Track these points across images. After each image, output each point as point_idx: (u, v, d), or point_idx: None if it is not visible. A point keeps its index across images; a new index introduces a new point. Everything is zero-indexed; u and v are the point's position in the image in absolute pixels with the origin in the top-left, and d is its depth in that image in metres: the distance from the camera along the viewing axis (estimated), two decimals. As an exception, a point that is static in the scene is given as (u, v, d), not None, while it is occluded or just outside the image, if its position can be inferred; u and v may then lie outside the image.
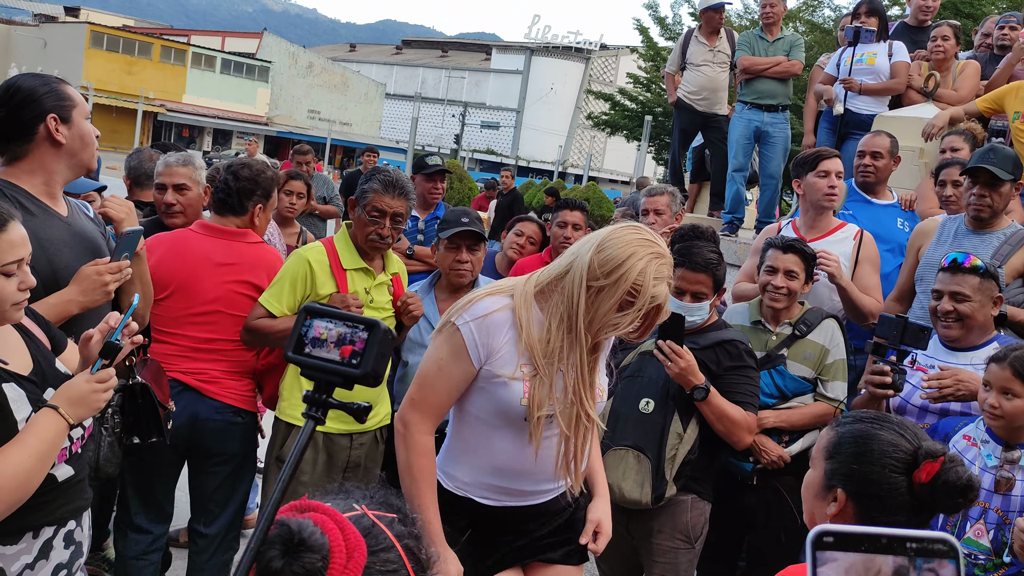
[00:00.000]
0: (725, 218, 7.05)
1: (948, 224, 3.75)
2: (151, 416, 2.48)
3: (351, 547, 1.05)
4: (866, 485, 1.62)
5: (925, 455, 1.63)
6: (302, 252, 3.20)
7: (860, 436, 1.66)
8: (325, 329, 1.24)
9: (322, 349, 1.24)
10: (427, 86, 63.34)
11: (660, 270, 2.08)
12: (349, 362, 1.22)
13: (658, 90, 29.09)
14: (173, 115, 46.45)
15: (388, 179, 3.14)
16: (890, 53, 5.85)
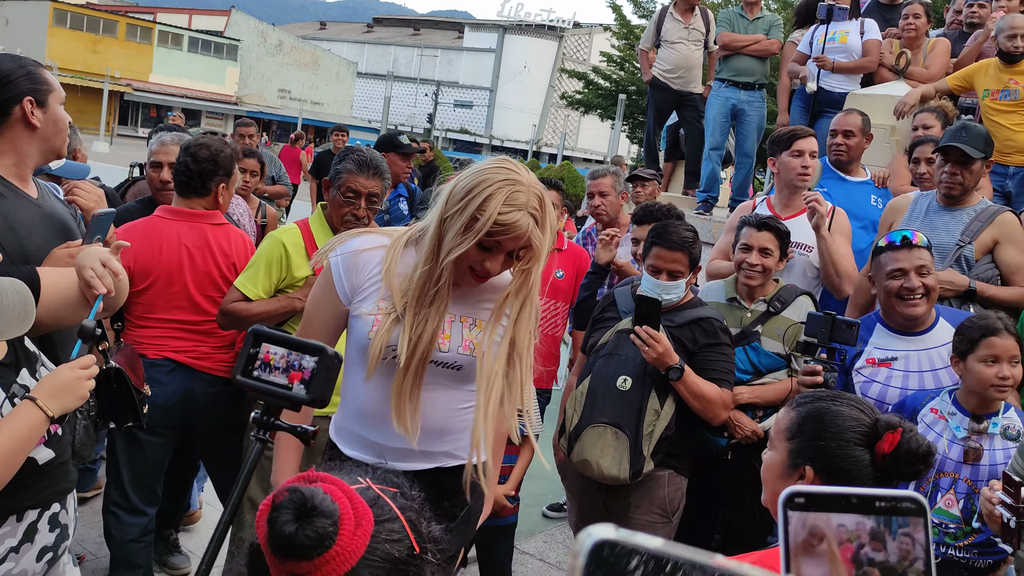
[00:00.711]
0: (700, 196, 7.09)
1: (920, 201, 3.80)
2: (126, 401, 2.45)
3: (359, 515, 1.06)
4: (832, 460, 1.66)
5: (885, 427, 1.69)
6: (277, 235, 3.18)
7: (822, 414, 1.70)
8: (274, 354, 1.25)
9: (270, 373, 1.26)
10: (399, 65, 62.85)
11: (515, 197, 1.91)
12: (298, 387, 1.25)
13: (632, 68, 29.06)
14: (140, 95, 45.75)
15: (362, 159, 3.12)
16: (862, 31, 5.89)
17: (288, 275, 3.12)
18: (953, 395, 2.75)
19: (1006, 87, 4.95)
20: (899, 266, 2.97)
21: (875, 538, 0.57)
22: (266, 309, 3.10)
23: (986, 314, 2.74)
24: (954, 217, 3.59)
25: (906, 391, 2.98)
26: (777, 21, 7.08)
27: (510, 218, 1.91)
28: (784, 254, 3.40)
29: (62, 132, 2.44)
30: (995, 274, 3.54)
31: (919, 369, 3.00)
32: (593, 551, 0.43)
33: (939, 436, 2.69)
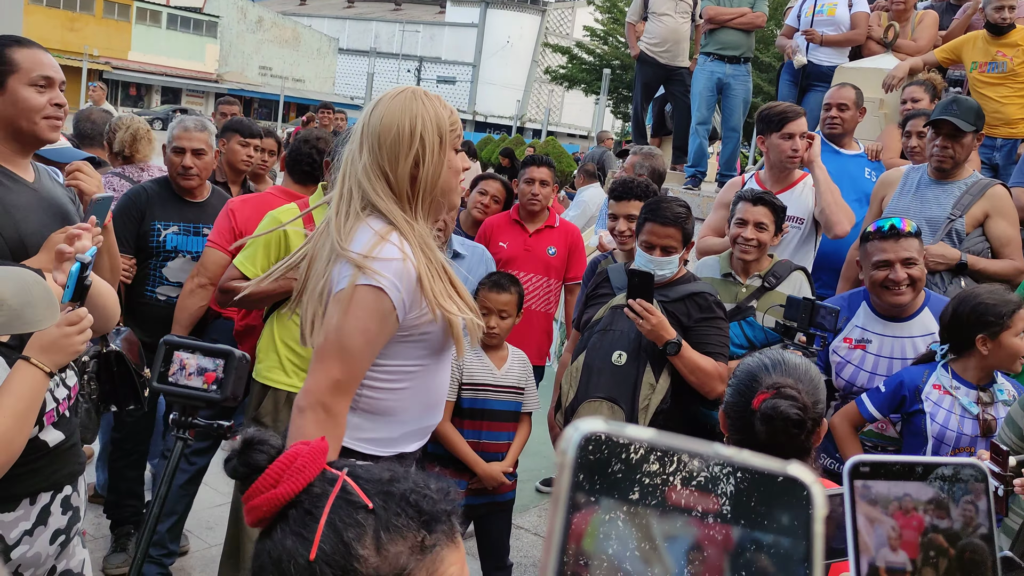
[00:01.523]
0: (688, 171, 7.09)
1: (911, 174, 3.81)
2: (128, 384, 2.46)
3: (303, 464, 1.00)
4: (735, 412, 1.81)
5: (767, 387, 1.75)
6: (275, 214, 3.16)
7: (740, 368, 1.85)
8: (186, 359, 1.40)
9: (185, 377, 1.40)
10: (381, 40, 62.25)
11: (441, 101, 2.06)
12: (211, 388, 1.39)
13: (615, 43, 28.95)
14: (119, 73, 45.16)
15: None
16: (850, 3, 5.88)
17: (287, 253, 3.10)
18: (949, 369, 2.77)
19: (994, 59, 4.97)
20: (885, 257, 2.95)
21: (939, 506, 0.58)
22: (264, 288, 3.09)
23: (995, 289, 2.77)
24: (945, 191, 3.62)
25: (874, 375, 2.99)
26: (762, -7, 7.06)
27: (455, 116, 2.08)
28: (779, 229, 3.41)
29: (26, 114, 2.34)
30: (986, 247, 3.57)
31: (891, 355, 3.01)
32: (582, 445, 0.41)
33: (949, 412, 2.71)
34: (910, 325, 3.03)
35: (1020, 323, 2.68)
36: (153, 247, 3.55)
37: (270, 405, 3.15)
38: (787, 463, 0.42)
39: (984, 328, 2.69)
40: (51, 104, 2.37)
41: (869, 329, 3.07)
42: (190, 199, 3.62)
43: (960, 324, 2.74)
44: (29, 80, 2.34)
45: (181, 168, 3.51)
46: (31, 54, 2.36)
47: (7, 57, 2.33)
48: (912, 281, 2.95)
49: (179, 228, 3.55)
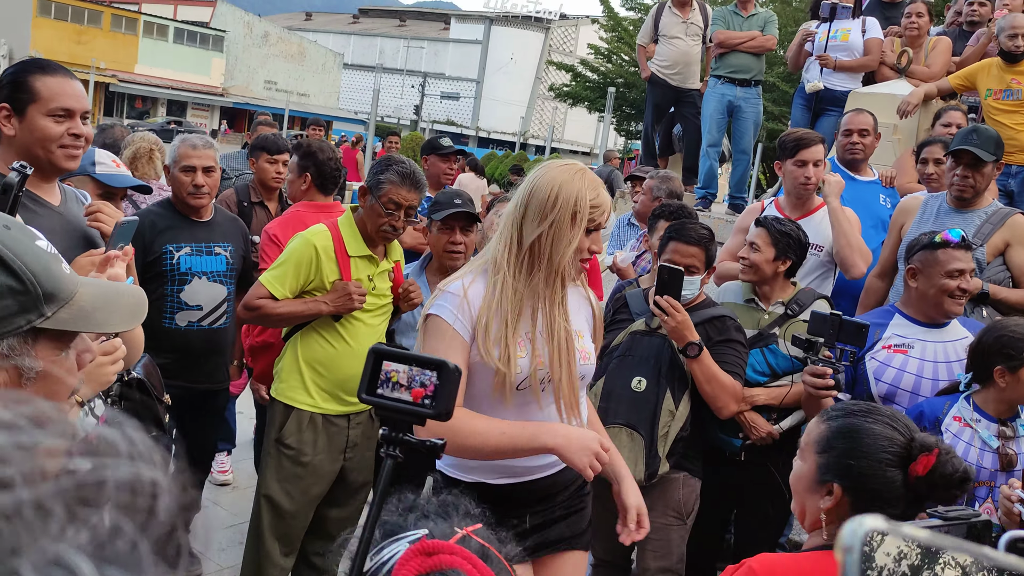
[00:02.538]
0: (698, 193, 7.10)
1: (931, 202, 3.81)
2: (150, 410, 2.45)
3: None
4: (862, 480, 1.62)
5: (920, 448, 1.63)
6: (308, 236, 3.16)
7: (852, 430, 1.65)
8: (395, 371, 1.28)
9: (394, 390, 1.28)
10: (385, 56, 62.50)
11: (593, 181, 2.18)
12: (422, 403, 1.27)
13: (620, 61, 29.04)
14: (126, 86, 45.32)
15: (405, 171, 3.11)
16: (864, 29, 5.90)
17: (316, 278, 3.12)
18: (971, 401, 2.76)
19: (1008, 87, 4.98)
20: (959, 266, 2.98)
21: None
22: (292, 310, 3.11)
23: (1021, 321, 2.75)
24: (965, 219, 3.61)
25: (921, 378, 3.02)
26: (771, 17, 7.09)
27: (600, 199, 2.16)
28: (784, 254, 3.35)
29: (42, 143, 2.33)
30: (1006, 276, 3.57)
31: (934, 359, 3.05)
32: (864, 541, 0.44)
33: (969, 445, 2.70)
34: (947, 331, 3.07)
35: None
36: (167, 271, 3.46)
37: (294, 426, 3.16)
38: None
39: (1004, 360, 2.67)
40: (69, 134, 2.35)
41: (908, 335, 3.08)
42: (196, 218, 3.55)
43: (983, 354, 2.73)
44: (48, 110, 2.32)
45: (192, 187, 3.46)
46: (54, 83, 2.34)
47: (29, 86, 2.32)
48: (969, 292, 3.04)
49: (191, 249, 3.49)
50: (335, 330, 3.16)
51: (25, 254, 1.16)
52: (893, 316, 3.16)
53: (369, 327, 3.22)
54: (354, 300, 3.09)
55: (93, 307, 1.23)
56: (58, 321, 1.18)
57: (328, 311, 3.10)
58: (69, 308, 1.19)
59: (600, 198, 2.16)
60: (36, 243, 1.20)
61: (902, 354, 3.07)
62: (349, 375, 3.15)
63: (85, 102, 2.42)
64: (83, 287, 1.23)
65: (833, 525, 1.64)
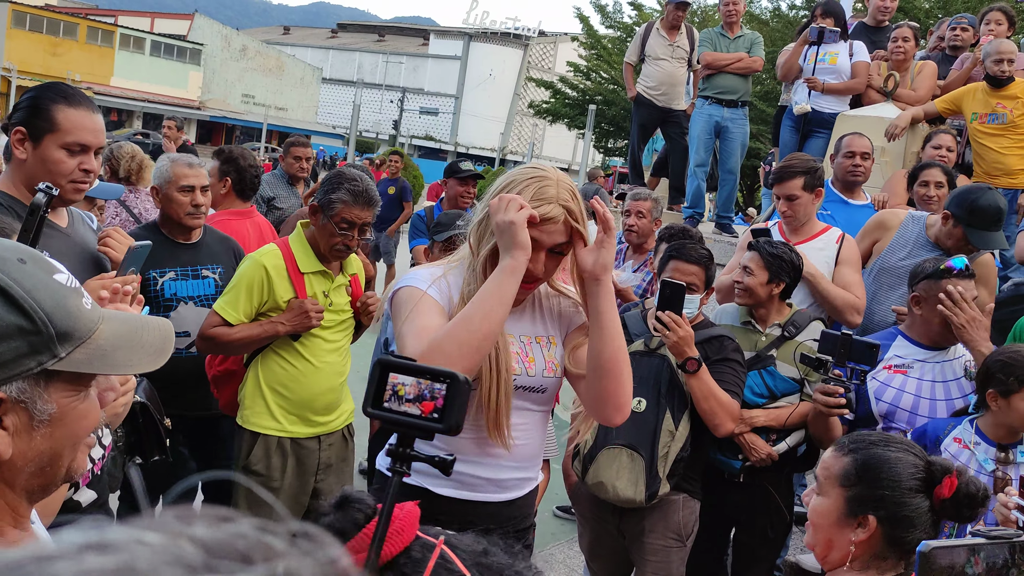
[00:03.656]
0: (686, 212, 7.15)
1: (911, 226, 3.84)
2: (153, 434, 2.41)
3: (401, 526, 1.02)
4: (896, 508, 1.64)
5: (941, 471, 1.67)
6: (257, 257, 3.10)
7: (880, 461, 1.67)
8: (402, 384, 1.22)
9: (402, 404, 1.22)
10: (364, 71, 62.52)
11: (543, 191, 1.92)
12: (431, 417, 1.21)
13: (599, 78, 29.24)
14: (101, 98, 44.86)
15: (357, 189, 3.04)
16: (851, 53, 5.99)
17: (270, 298, 3.05)
18: (975, 424, 2.79)
19: (994, 111, 5.06)
20: (963, 294, 3.03)
21: None
22: (248, 335, 3.03)
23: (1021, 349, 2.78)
24: (937, 259, 3.65)
25: (919, 398, 3.05)
26: (758, 39, 7.17)
27: (541, 210, 1.90)
28: (777, 276, 3.37)
29: (52, 176, 2.28)
30: None
31: (933, 379, 3.09)
32: None
33: (966, 466, 2.72)
34: (947, 351, 3.12)
35: None
36: (152, 297, 3.31)
37: (260, 452, 3.10)
38: None
39: (996, 385, 2.70)
40: (79, 169, 2.31)
41: (908, 357, 3.13)
42: (183, 240, 3.45)
43: (981, 377, 2.77)
44: (64, 143, 2.28)
45: (192, 207, 3.36)
46: (76, 116, 2.29)
47: (50, 114, 2.27)
48: None
49: (176, 274, 3.37)
50: (295, 350, 3.09)
51: (37, 290, 1.08)
52: (896, 338, 3.19)
53: (330, 343, 3.16)
54: (311, 318, 3.02)
55: (114, 346, 1.16)
56: (73, 362, 1.10)
57: (286, 331, 3.03)
58: (86, 348, 1.12)
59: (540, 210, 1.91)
60: (54, 277, 1.12)
61: (902, 375, 3.11)
62: (314, 394, 3.12)
63: (102, 137, 2.37)
64: (105, 323, 1.16)
65: (864, 557, 1.64)
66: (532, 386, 2.10)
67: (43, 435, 1.10)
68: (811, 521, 1.76)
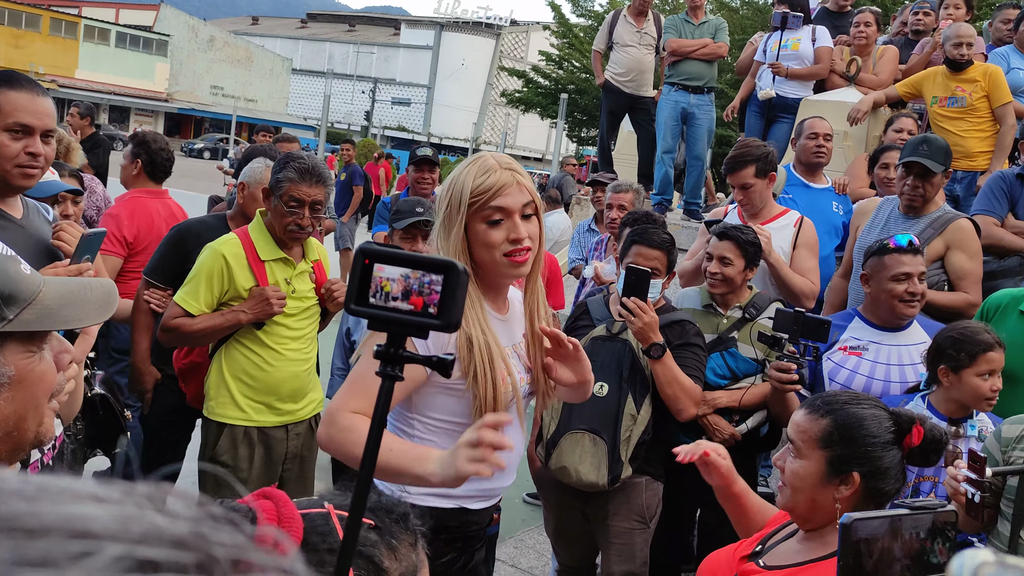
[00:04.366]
0: (654, 199, 7.16)
1: (884, 206, 3.91)
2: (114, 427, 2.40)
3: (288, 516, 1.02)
4: (877, 462, 1.73)
5: (908, 422, 1.76)
6: (216, 247, 3.07)
7: (858, 420, 1.75)
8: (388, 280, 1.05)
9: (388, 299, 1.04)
10: (335, 61, 62.07)
11: (483, 166, 1.95)
12: (426, 312, 1.03)
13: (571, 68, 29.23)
14: (67, 91, 44.26)
15: (303, 166, 3.02)
16: (813, 38, 6.03)
17: (231, 287, 3.03)
18: (926, 400, 2.82)
19: (953, 94, 5.12)
20: (905, 270, 3.06)
21: None
22: (210, 324, 3.01)
23: (975, 327, 2.82)
24: (911, 225, 3.70)
25: (872, 380, 3.08)
26: (722, 24, 7.19)
27: (491, 180, 1.92)
28: (752, 262, 3.42)
29: None
30: (942, 279, 3.65)
31: (887, 362, 3.11)
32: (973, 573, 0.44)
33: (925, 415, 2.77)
34: (905, 334, 3.13)
35: (985, 365, 2.70)
36: None
37: (227, 443, 3.08)
38: None
39: (947, 360, 2.75)
40: (25, 152, 2.25)
41: (864, 338, 3.16)
42: None
43: (932, 353, 2.81)
44: (4, 125, 2.23)
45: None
46: (16, 97, 2.23)
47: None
48: (922, 295, 3.07)
49: None
50: (258, 339, 3.07)
51: None
52: (853, 319, 3.22)
53: (294, 331, 3.14)
54: (273, 305, 3.00)
55: (60, 304, 1.20)
56: (22, 323, 1.15)
57: (248, 319, 3.01)
58: (33, 308, 1.16)
59: (489, 180, 1.92)
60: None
61: (856, 356, 3.14)
62: (279, 382, 3.10)
63: (48, 120, 2.31)
64: (47, 286, 1.20)
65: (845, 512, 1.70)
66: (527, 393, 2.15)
67: (5, 399, 1.14)
68: (790, 485, 1.79)
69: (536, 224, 1.99)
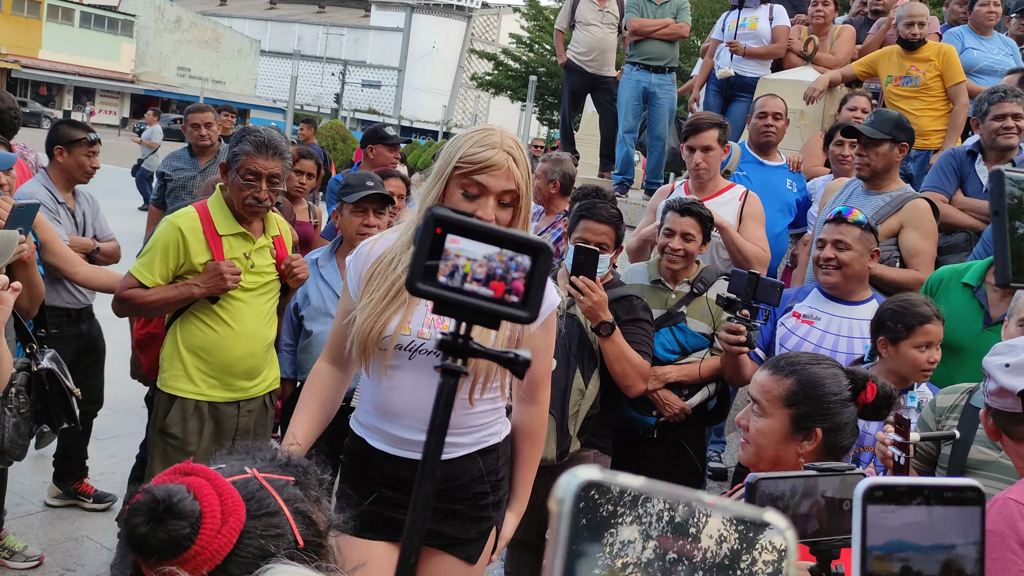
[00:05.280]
0: (616, 179, 7.17)
1: (850, 185, 3.94)
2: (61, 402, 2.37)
3: (227, 511, 1.03)
4: (837, 418, 1.83)
5: (862, 379, 1.86)
6: (172, 219, 3.05)
7: (820, 379, 1.84)
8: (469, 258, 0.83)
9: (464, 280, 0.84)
10: (304, 43, 61.40)
11: (485, 139, 1.95)
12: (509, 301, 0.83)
13: (541, 51, 29.17)
14: (29, 72, 43.51)
15: (260, 139, 3.01)
16: (771, 17, 6.04)
17: (186, 261, 3.02)
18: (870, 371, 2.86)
19: (908, 73, 5.16)
20: (821, 236, 3.18)
21: None
22: (164, 296, 3.00)
23: (915, 300, 2.85)
24: (870, 202, 3.73)
25: (819, 348, 3.11)
26: (684, 4, 7.17)
27: (484, 155, 1.91)
28: (707, 238, 3.46)
29: None
30: (894, 255, 3.69)
31: (837, 333, 3.15)
32: (578, 493, 0.43)
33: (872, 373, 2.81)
34: (859, 309, 3.17)
35: (922, 337, 2.74)
36: None
37: (177, 416, 3.06)
38: (764, 510, 0.45)
39: (885, 332, 2.79)
40: None
41: (818, 308, 3.22)
42: None
43: (874, 325, 2.85)
44: None
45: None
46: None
47: None
48: (838, 264, 3.12)
49: None
50: (214, 313, 3.06)
51: None
52: (812, 289, 3.28)
53: (252, 307, 3.12)
54: (227, 280, 2.99)
55: None
56: None
57: (201, 293, 3.00)
58: None
59: (482, 154, 1.92)
60: None
61: (808, 324, 3.18)
62: (234, 358, 3.08)
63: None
64: None
65: None
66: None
67: None
68: (754, 442, 1.86)
69: (512, 213, 2.00)
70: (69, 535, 3.95)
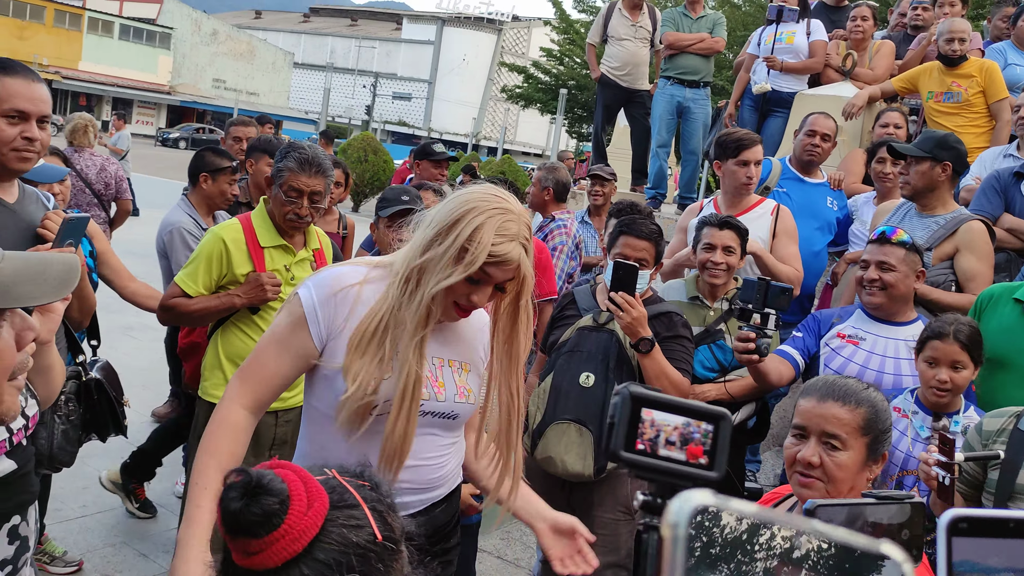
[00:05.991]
0: (648, 193, 7.15)
1: (903, 207, 3.87)
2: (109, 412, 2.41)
3: (312, 497, 1.06)
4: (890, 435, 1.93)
5: None
6: (217, 231, 3.13)
7: (880, 403, 1.91)
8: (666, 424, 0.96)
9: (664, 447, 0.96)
10: (336, 55, 62.06)
11: (506, 226, 1.79)
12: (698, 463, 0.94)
13: (571, 64, 29.22)
14: (70, 83, 44.33)
15: (304, 157, 3.07)
16: (808, 32, 6.00)
17: (229, 271, 3.09)
18: (915, 394, 2.82)
19: (949, 89, 5.10)
20: (865, 257, 3.13)
21: None
22: (206, 306, 3.09)
23: (947, 318, 2.81)
24: (924, 224, 3.66)
25: (866, 369, 3.07)
26: (720, 19, 7.17)
27: (502, 249, 1.79)
28: (744, 252, 3.45)
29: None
30: (948, 278, 3.61)
31: (883, 354, 3.10)
32: (691, 518, 0.43)
33: (902, 434, 2.75)
34: (904, 329, 3.12)
35: (929, 351, 2.71)
36: None
37: None
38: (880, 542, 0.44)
39: (916, 347, 2.78)
40: (21, 137, 2.31)
41: (862, 328, 3.17)
42: None
43: (919, 345, 2.81)
44: (1, 111, 2.28)
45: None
46: (12, 84, 2.28)
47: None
48: (883, 285, 3.06)
49: None
50: (254, 323, 3.13)
51: None
52: (855, 311, 3.24)
53: None
54: (267, 291, 3.06)
55: (15, 281, 1.19)
56: None
57: (242, 303, 3.07)
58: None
59: (503, 251, 1.77)
60: None
61: (853, 345, 3.13)
62: None
63: (43, 106, 2.36)
64: (6, 261, 1.19)
65: None
66: (442, 412, 1.95)
67: None
68: (833, 477, 1.82)
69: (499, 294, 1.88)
70: (107, 541, 4.00)
